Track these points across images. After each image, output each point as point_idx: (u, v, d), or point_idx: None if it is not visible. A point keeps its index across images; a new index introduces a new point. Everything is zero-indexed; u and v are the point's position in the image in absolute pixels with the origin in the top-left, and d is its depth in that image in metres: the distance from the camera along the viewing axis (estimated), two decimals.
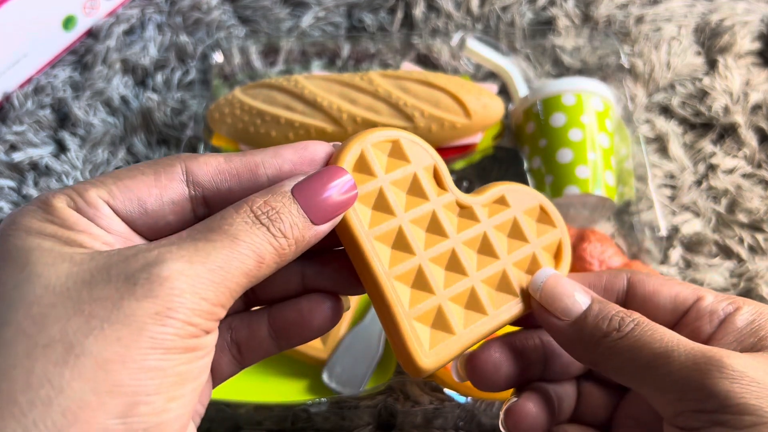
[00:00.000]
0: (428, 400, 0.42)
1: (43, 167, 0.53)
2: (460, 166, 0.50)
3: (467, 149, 0.50)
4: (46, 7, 0.55)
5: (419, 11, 0.60)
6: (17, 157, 0.53)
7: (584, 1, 0.60)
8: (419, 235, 0.26)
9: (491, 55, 0.53)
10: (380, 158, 0.25)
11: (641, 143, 0.50)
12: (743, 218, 0.50)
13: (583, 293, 0.26)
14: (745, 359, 0.22)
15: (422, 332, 0.25)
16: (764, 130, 0.54)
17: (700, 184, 0.52)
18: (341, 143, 0.25)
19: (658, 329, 0.23)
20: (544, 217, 0.28)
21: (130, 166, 0.23)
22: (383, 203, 0.25)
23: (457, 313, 0.26)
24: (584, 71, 0.56)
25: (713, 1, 0.61)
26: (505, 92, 0.53)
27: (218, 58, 0.56)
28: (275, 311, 0.26)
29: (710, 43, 0.58)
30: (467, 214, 0.27)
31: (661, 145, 0.54)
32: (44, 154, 0.53)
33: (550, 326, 0.26)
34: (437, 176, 0.26)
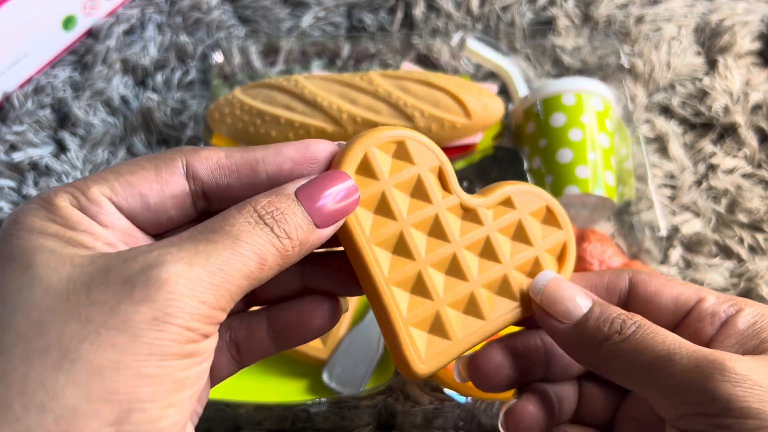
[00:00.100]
0: (428, 400, 0.42)
1: (43, 167, 0.53)
2: (460, 166, 0.50)
3: (467, 149, 0.50)
4: (46, 7, 0.55)
5: (419, 11, 0.60)
6: (17, 157, 0.53)
7: (584, 1, 0.60)
8: (421, 239, 0.25)
9: (491, 55, 0.53)
10: (384, 160, 0.25)
11: (641, 143, 0.50)
12: (743, 218, 0.50)
13: (584, 296, 0.26)
14: (747, 362, 0.22)
15: (419, 338, 0.25)
16: (764, 130, 0.54)
17: (700, 184, 0.52)
18: (345, 143, 0.25)
19: (660, 332, 0.23)
20: (550, 218, 0.28)
21: (129, 160, 0.23)
22: (385, 207, 0.25)
23: (455, 318, 0.26)
24: (584, 71, 0.56)
25: (713, 1, 0.61)
26: (505, 92, 0.53)
27: (218, 58, 0.56)
28: (274, 312, 0.26)
29: (710, 43, 0.58)
30: (471, 216, 0.26)
31: (661, 145, 0.54)
32: (44, 154, 0.53)
33: (551, 329, 0.26)
34: (442, 178, 0.26)
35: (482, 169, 0.52)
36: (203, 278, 0.20)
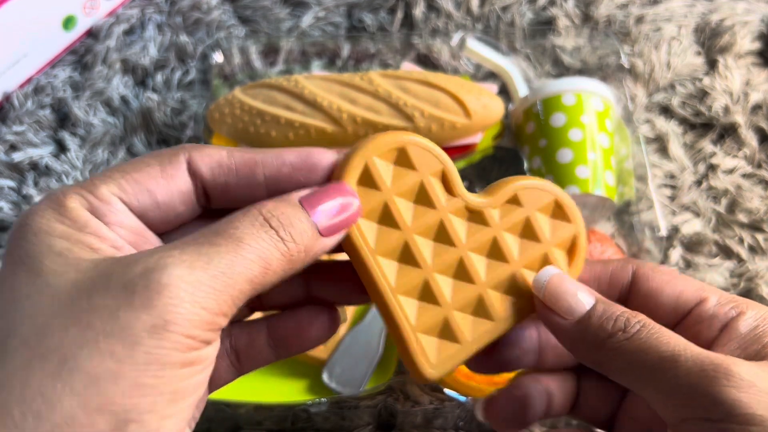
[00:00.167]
0: (428, 400, 0.42)
1: (43, 167, 0.53)
2: (460, 166, 0.50)
3: (467, 149, 0.50)
4: (46, 7, 0.55)
5: (419, 11, 0.60)
6: (17, 157, 0.53)
7: (584, 1, 0.60)
8: (426, 246, 0.26)
9: (491, 55, 0.53)
10: (385, 169, 0.25)
11: (641, 143, 0.50)
12: (743, 218, 0.50)
13: (587, 293, 0.25)
14: (752, 368, 0.21)
15: (428, 344, 0.25)
16: (764, 130, 0.54)
17: (700, 184, 0.52)
18: (345, 153, 0.25)
19: (664, 332, 0.23)
20: (559, 212, 0.28)
21: (133, 159, 0.23)
22: (388, 217, 0.25)
23: (463, 321, 0.26)
24: (584, 71, 0.56)
25: (713, 1, 0.61)
26: (505, 92, 0.53)
27: (218, 58, 0.56)
28: (274, 321, 0.26)
29: (710, 43, 0.58)
30: (477, 218, 0.26)
31: (661, 145, 0.54)
32: (44, 154, 0.53)
33: (553, 325, 0.26)
34: (446, 181, 0.26)
35: (482, 169, 0.52)
36: (205, 282, 0.20)
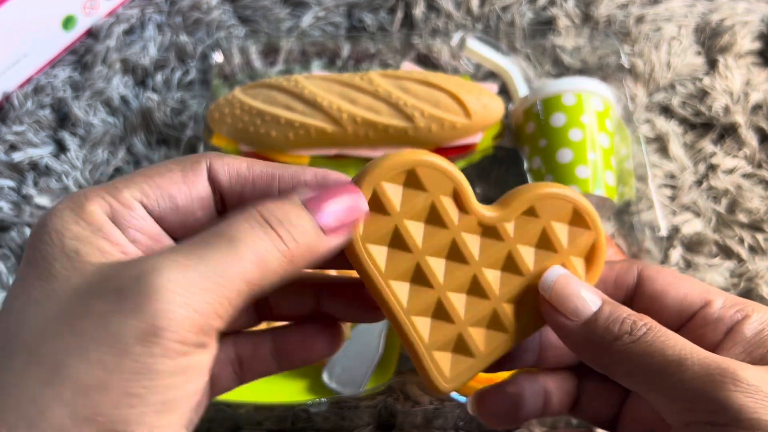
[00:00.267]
0: (428, 400, 0.42)
1: (43, 167, 0.53)
2: (460, 166, 0.50)
3: (467, 149, 0.50)
4: (46, 7, 0.55)
5: (419, 11, 0.60)
6: (17, 157, 0.53)
7: (584, 1, 0.60)
8: (439, 265, 0.26)
9: (491, 55, 0.53)
10: (395, 192, 0.25)
11: (641, 143, 0.50)
12: (743, 218, 0.50)
13: (593, 294, 0.25)
14: (759, 373, 0.21)
15: (442, 360, 0.26)
16: (764, 130, 0.54)
17: (700, 184, 0.52)
18: (355, 177, 0.25)
19: (671, 336, 0.23)
20: (577, 219, 0.27)
21: (154, 164, 0.23)
22: (399, 241, 0.25)
23: (478, 335, 0.26)
24: (584, 71, 0.56)
25: (713, 1, 0.61)
26: (505, 92, 0.53)
27: (218, 58, 0.56)
28: (279, 333, 0.26)
29: (710, 43, 0.58)
30: (491, 233, 0.26)
31: (661, 145, 0.54)
32: (44, 154, 0.53)
33: (559, 327, 0.26)
34: (458, 198, 0.25)
35: (482, 169, 0.52)
36: (197, 283, 0.19)
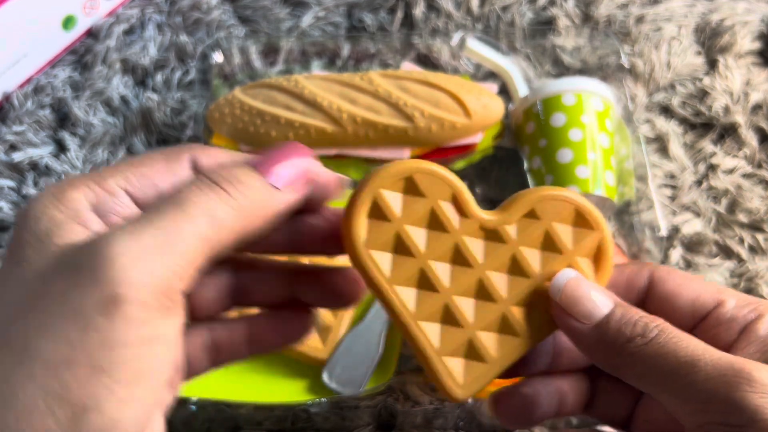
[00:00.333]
0: (428, 400, 0.42)
1: (43, 167, 0.53)
2: (460, 166, 0.50)
3: (467, 149, 0.50)
4: (46, 7, 0.55)
5: (419, 11, 0.60)
6: (17, 157, 0.53)
7: (584, 1, 0.60)
8: (444, 270, 0.26)
9: (491, 55, 0.53)
10: (394, 200, 0.25)
11: (641, 143, 0.50)
12: (743, 218, 0.50)
13: (605, 296, 0.25)
14: None
15: (455, 366, 0.26)
16: (765, 130, 0.54)
17: (700, 184, 0.52)
18: (355, 188, 0.25)
19: (683, 337, 0.23)
20: (580, 220, 0.27)
21: (140, 155, 0.23)
22: (402, 246, 0.25)
23: (489, 340, 0.26)
24: (584, 71, 0.56)
25: (713, 1, 0.61)
26: (505, 92, 0.53)
27: (218, 58, 0.56)
28: (253, 319, 0.26)
29: (710, 43, 0.58)
30: (493, 236, 0.26)
31: (661, 145, 0.54)
32: (44, 154, 0.53)
33: (570, 330, 0.25)
34: (458, 203, 0.26)
35: (482, 169, 0.52)
36: (150, 247, 0.19)
